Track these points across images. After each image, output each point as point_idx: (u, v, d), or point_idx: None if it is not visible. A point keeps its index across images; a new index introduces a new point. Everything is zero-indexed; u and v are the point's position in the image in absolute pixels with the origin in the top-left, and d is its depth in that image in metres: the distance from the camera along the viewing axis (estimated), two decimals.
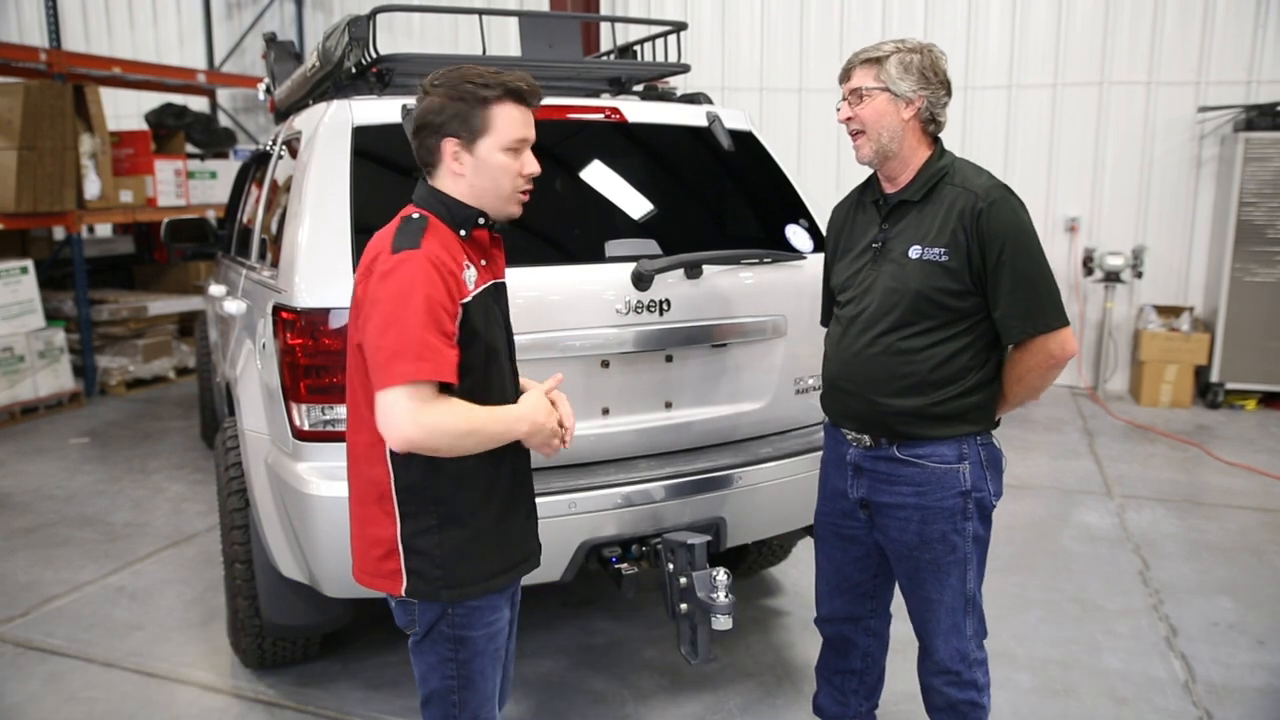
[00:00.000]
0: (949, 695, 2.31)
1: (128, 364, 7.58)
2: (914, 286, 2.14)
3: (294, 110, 3.72)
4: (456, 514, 1.87)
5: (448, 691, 1.95)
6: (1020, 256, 2.09)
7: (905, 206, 2.21)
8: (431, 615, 1.91)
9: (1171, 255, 7.44)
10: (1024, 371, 2.19)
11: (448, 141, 1.82)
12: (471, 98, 1.80)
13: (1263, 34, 6.98)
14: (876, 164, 2.20)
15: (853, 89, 2.17)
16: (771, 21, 8.02)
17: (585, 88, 3.49)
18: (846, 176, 7.94)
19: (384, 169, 2.76)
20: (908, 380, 2.17)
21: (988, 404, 2.22)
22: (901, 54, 2.13)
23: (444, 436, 1.74)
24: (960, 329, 2.15)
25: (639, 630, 3.57)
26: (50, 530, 4.65)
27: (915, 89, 2.12)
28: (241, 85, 9.29)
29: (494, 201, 1.88)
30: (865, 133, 2.16)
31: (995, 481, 2.25)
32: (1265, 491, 5.20)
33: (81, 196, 7.20)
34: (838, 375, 2.31)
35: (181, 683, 3.24)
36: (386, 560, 1.89)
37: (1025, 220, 2.12)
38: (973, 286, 2.12)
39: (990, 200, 2.09)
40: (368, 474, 1.89)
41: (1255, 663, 3.36)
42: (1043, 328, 2.11)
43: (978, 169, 2.20)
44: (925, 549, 2.22)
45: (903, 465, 2.21)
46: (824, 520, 2.45)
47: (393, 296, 1.73)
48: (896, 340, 2.17)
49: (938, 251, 2.12)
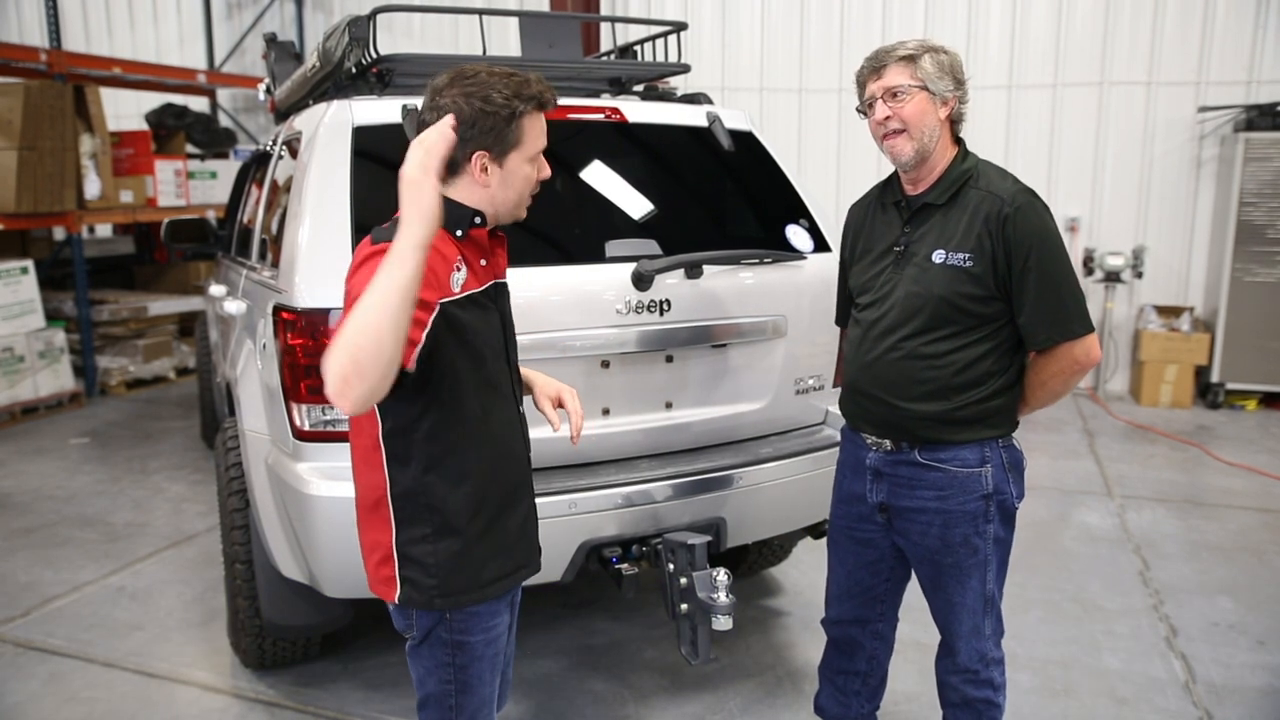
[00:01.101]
0: (965, 693, 2.31)
1: (128, 364, 7.58)
2: (937, 291, 2.10)
3: (294, 110, 3.72)
4: (451, 522, 1.83)
5: (445, 695, 1.93)
6: (1046, 263, 2.06)
7: (929, 209, 2.17)
8: (429, 621, 1.89)
9: (1171, 255, 7.44)
10: (1047, 377, 2.17)
11: (478, 155, 1.76)
12: (506, 111, 1.74)
13: (1263, 34, 6.99)
14: (915, 165, 2.14)
15: (888, 87, 2.10)
16: (771, 21, 8.02)
17: (585, 88, 3.49)
18: (846, 176, 7.95)
19: (384, 169, 2.75)
20: (930, 385, 2.14)
21: (1009, 407, 2.20)
22: (933, 53, 2.09)
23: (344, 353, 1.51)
24: (983, 334, 2.13)
25: (639, 630, 3.57)
26: (50, 530, 4.65)
27: (950, 88, 2.10)
28: (241, 85, 9.29)
29: (510, 210, 1.85)
30: (907, 131, 2.10)
31: (1018, 483, 2.23)
32: (1265, 491, 5.20)
33: (81, 196, 7.20)
34: (858, 379, 2.27)
35: (181, 683, 3.25)
36: (383, 566, 1.87)
37: (1052, 226, 2.10)
38: (997, 292, 2.09)
39: (1017, 205, 2.06)
40: (366, 479, 1.87)
41: (1255, 663, 3.36)
42: (1068, 334, 2.08)
43: (1002, 172, 2.16)
44: (947, 553, 2.21)
45: (925, 470, 2.19)
46: (838, 523, 2.43)
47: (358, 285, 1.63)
48: (919, 345, 2.14)
49: (962, 256, 2.08)
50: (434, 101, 1.77)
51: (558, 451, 2.71)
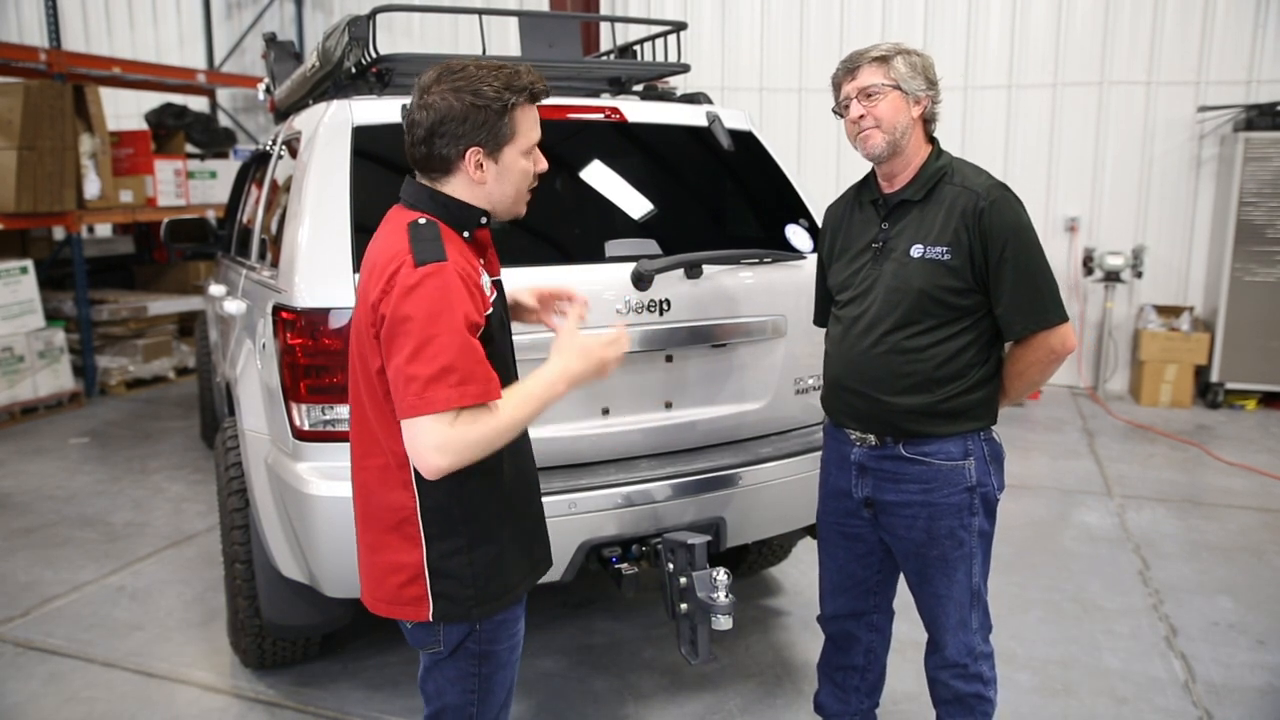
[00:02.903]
0: (956, 688, 2.33)
1: (128, 364, 7.58)
2: (917, 285, 2.15)
3: (294, 110, 3.72)
4: (487, 529, 1.80)
5: (465, 705, 1.90)
6: (1022, 254, 2.11)
7: (906, 206, 2.22)
8: (458, 634, 1.84)
9: (1171, 255, 7.44)
10: (1025, 367, 2.22)
11: (472, 152, 1.72)
12: (497, 105, 1.70)
13: (1263, 34, 6.98)
14: (886, 157, 2.19)
15: (862, 88, 2.16)
16: (771, 21, 8.02)
17: (585, 88, 3.49)
18: (846, 176, 7.91)
19: (384, 169, 2.75)
20: (912, 379, 2.18)
21: (991, 399, 2.24)
22: (905, 54, 2.16)
23: (477, 449, 1.64)
24: (963, 326, 2.17)
25: (639, 630, 3.57)
26: (50, 530, 4.65)
27: (924, 88, 2.16)
28: (241, 85, 9.29)
29: (509, 205, 1.82)
30: (880, 128, 2.16)
31: (998, 475, 2.28)
32: (1265, 491, 5.20)
33: (81, 196, 7.20)
34: (840, 375, 2.31)
35: (181, 683, 3.25)
36: (409, 587, 1.79)
37: (1025, 218, 2.15)
38: (975, 284, 2.14)
39: (991, 199, 2.12)
40: (382, 500, 1.79)
41: (1255, 663, 3.36)
42: (1044, 324, 2.14)
43: (976, 169, 2.22)
44: (933, 545, 2.24)
45: (909, 464, 2.22)
46: (826, 519, 2.46)
47: (426, 316, 1.60)
48: (900, 339, 2.18)
49: (940, 250, 2.13)
50: (423, 99, 1.73)
51: (558, 451, 2.72)
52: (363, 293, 1.74)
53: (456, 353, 1.61)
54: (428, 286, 1.62)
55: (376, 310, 1.67)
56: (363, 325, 1.72)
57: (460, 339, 1.62)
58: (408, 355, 1.61)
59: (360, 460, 1.84)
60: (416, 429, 1.61)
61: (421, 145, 1.75)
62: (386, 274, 1.66)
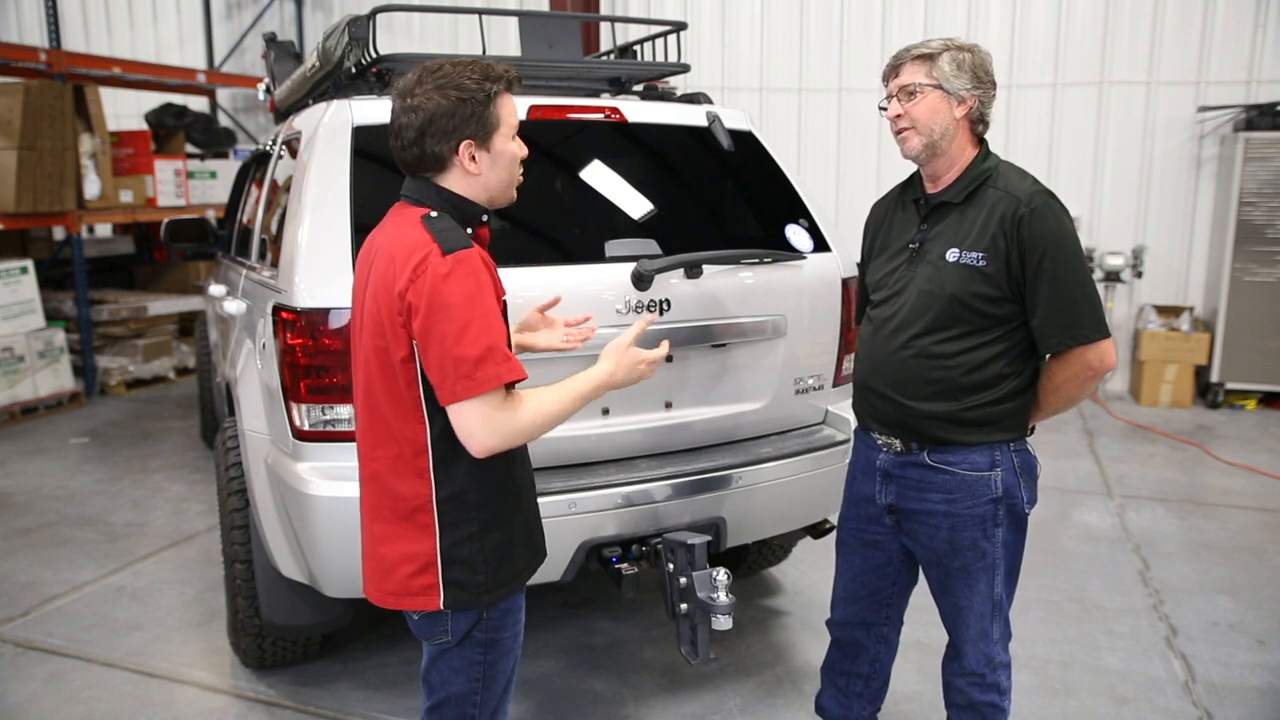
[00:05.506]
0: (971, 696, 2.31)
1: (128, 364, 7.58)
2: (949, 290, 2.09)
3: (294, 110, 3.72)
4: (499, 514, 1.85)
5: (470, 694, 1.92)
6: (1061, 266, 2.03)
7: (946, 208, 2.16)
8: (467, 622, 1.87)
9: (1171, 255, 7.44)
10: (1060, 382, 2.13)
11: (465, 145, 1.77)
12: (481, 95, 1.76)
13: (1263, 34, 6.98)
14: (924, 160, 2.14)
15: (903, 86, 2.10)
16: (771, 21, 8.02)
17: (585, 88, 3.49)
18: (846, 176, 7.96)
19: (384, 169, 2.75)
20: (938, 385, 2.13)
21: (1021, 411, 2.17)
22: (953, 51, 2.08)
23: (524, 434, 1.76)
24: (995, 335, 2.11)
25: (639, 630, 3.57)
26: (50, 530, 4.65)
27: (969, 88, 2.08)
28: (241, 85, 9.29)
29: (504, 190, 1.87)
30: (916, 129, 2.10)
31: (1029, 488, 2.21)
32: (1265, 491, 5.20)
33: (81, 196, 7.20)
34: (867, 377, 2.27)
35: (181, 683, 3.25)
36: (420, 576, 1.81)
37: (1069, 228, 2.07)
38: (1010, 293, 2.07)
39: (1033, 207, 2.04)
40: (395, 490, 1.82)
41: (1255, 663, 3.36)
42: (1081, 339, 2.05)
43: (1022, 173, 2.14)
44: (955, 556, 2.20)
45: (933, 472, 2.18)
46: (847, 524, 2.42)
47: (464, 300, 1.67)
48: (929, 344, 2.13)
49: (975, 256, 2.07)
50: (407, 102, 1.78)
51: (558, 451, 2.72)
52: (380, 284, 1.75)
53: (497, 333, 1.70)
54: (461, 272, 1.68)
55: (404, 299, 1.70)
56: (383, 315, 1.74)
57: (497, 321, 1.72)
58: (453, 338, 1.67)
59: (369, 451, 1.86)
60: (469, 409, 1.69)
61: (413, 146, 1.79)
62: (412, 263, 1.69)
